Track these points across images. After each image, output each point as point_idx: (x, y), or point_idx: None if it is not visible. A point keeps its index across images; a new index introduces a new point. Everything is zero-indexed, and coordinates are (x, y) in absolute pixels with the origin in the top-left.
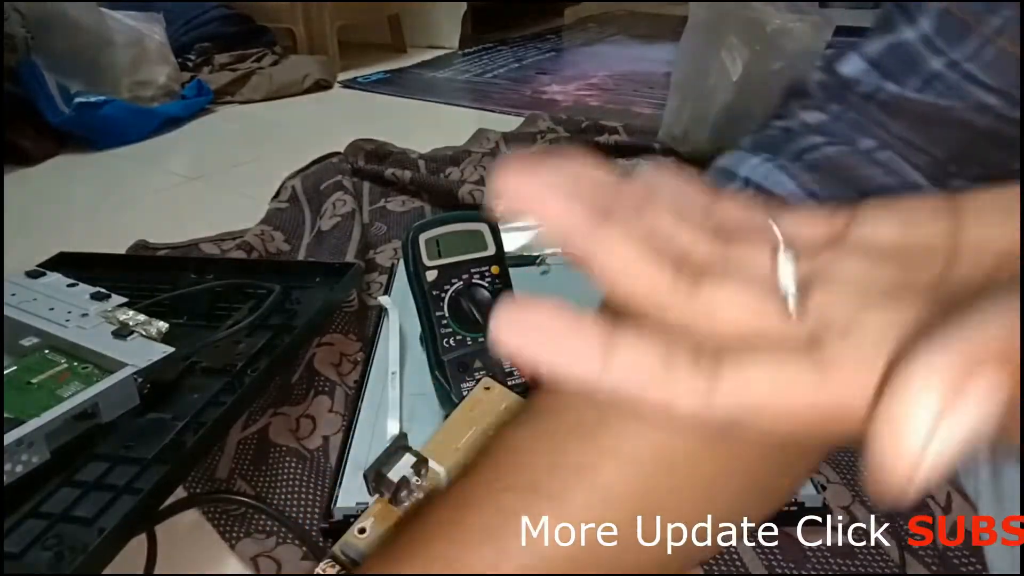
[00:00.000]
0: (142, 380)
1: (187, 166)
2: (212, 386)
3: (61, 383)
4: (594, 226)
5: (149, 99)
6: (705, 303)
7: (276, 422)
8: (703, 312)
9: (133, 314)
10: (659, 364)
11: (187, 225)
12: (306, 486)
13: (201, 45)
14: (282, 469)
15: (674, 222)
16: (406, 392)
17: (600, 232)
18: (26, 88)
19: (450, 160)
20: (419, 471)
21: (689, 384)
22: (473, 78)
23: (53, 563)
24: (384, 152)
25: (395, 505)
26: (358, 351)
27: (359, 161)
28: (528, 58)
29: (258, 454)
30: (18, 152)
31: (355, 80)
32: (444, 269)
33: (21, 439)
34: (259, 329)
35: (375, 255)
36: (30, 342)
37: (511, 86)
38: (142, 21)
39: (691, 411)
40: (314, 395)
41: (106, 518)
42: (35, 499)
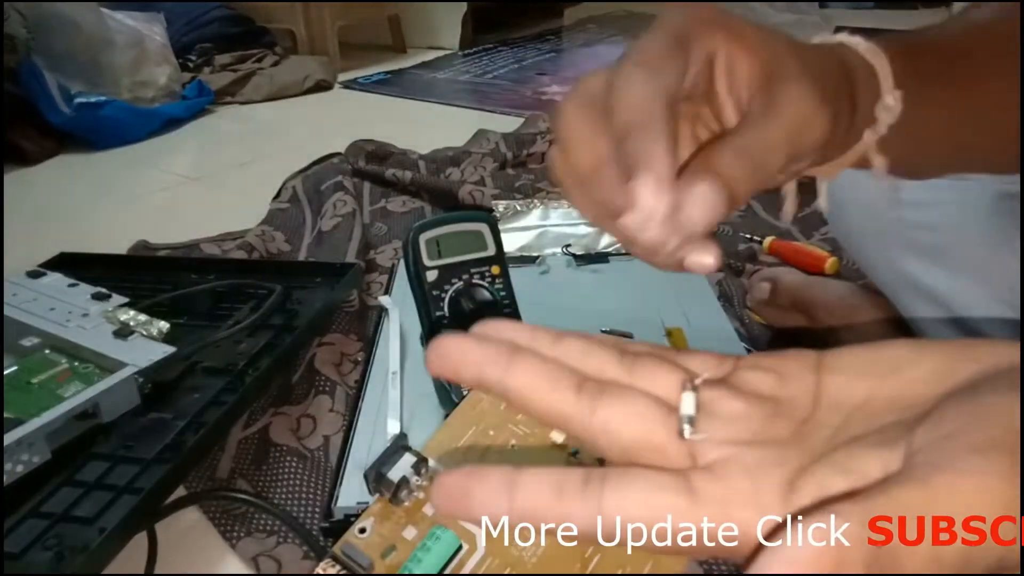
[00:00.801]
0: (143, 380)
1: (188, 166)
2: (213, 386)
3: (61, 383)
4: (508, 359)
5: (149, 99)
6: (602, 419)
7: (277, 422)
8: (600, 427)
9: (134, 314)
10: (553, 493)
11: (188, 225)
12: (306, 486)
13: (202, 45)
14: (283, 469)
15: (584, 349)
16: (406, 392)
17: (513, 362)
18: (26, 88)
19: (450, 160)
20: (419, 471)
21: (578, 507)
22: (473, 79)
23: (53, 563)
24: (384, 152)
25: (395, 505)
26: (359, 351)
27: (359, 162)
28: (528, 59)
29: (259, 454)
30: (18, 152)
31: (355, 81)
32: (444, 269)
33: (21, 439)
34: (260, 329)
35: (375, 255)
36: (31, 342)
37: (511, 87)
38: (142, 21)
39: (581, 530)
40: (315, 395)
41: (106, 518)
42: (35, 499)
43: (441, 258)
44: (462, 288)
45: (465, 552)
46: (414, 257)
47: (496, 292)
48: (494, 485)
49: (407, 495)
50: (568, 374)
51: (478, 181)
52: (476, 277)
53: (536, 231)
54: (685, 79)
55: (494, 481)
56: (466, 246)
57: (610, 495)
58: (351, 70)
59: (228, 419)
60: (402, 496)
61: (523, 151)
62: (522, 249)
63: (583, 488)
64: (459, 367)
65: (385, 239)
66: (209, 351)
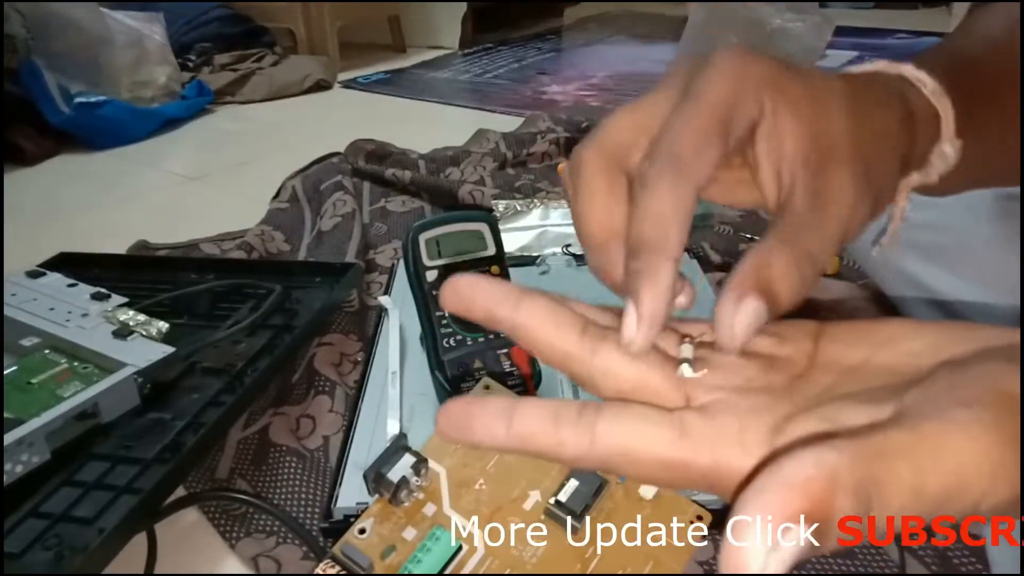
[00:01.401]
0: (142, 380)
1: (187, 166)
2: (212, 386)
3: (61, 383)
4: (518, 298)
5: (149, 99)
6: (603, 360)
7: (276, 422)
8: (601, 368)
9: (133, 314)
10: (550, 420)
11: (187, 225)
12: (306, 486)
13: (201, 45)
14: (282, 469)
15: (590, 309)
16: (406, 392)
17: (522, 301)
18: (26, 88)
19: (450, 160)
20: (419, 471)
21: (572, 434)
22: (473, 78)
23: (53, 563)
24: (384, 152)
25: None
26: (358, 351)
27: (359, 161)
28: (528, 58)
29: (258, 454)
30: (18, 152)
31: (355, 80)
32: (444, 269)
33: (21, 439)
34: (259, 329)
35: (375, 255)
36: (30, 342)
37: (511, 86)
38: (142, 21)
39: (574, 455)
40: (314, 395)
41: (106, 518)
42: (35, 499)
43: (441, 258)
44: None
45: (465, 552)
46: (414, 257)
47: None
48: (494, 411)
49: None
50: (573, 317)
51: (478, 181)
52: None
53: (536, 231)
54: (722, 159)
55: (494, 408)
56: (466, 246)
57: (603, 425)
58: (351, 70)
59: (227, 419)
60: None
61: (523, 151)
62: (522, 249)
63: (578, 417)
64: (471, 304)
65: (385, 239)
66: (208, 351)
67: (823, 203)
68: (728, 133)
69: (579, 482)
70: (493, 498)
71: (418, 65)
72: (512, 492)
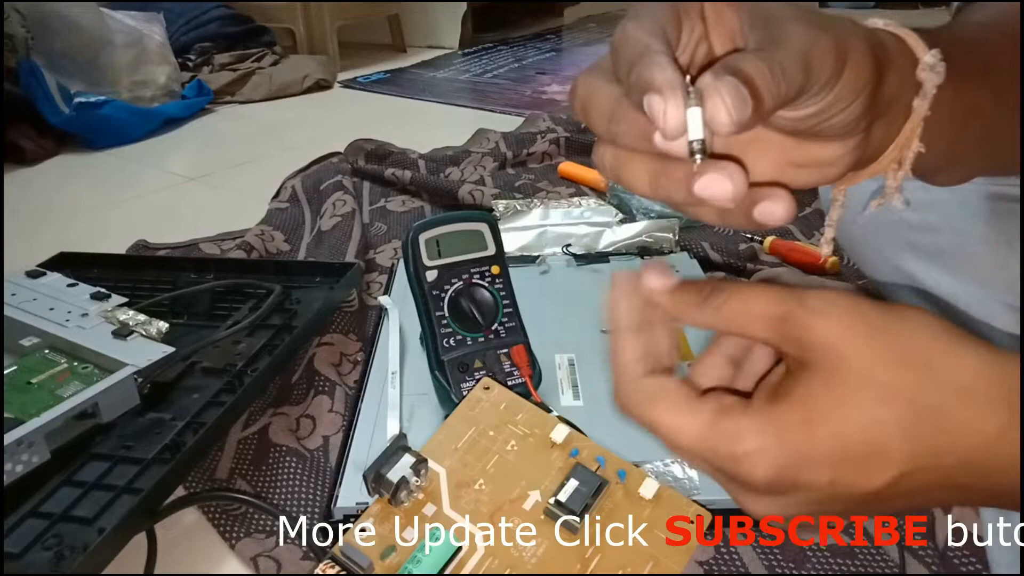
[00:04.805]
0: (142, 380)
1: (187, 166)
2: (212, 386)
3: (61, 383)
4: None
5: (149, 99)
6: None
7: (276, 422)
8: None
9: (133, 314)
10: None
11: (187, 225)
12: (306, 486)
13: (201, 45)
14: (282, 469)
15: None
16: (406, 392)
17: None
18: (26, 88)
19: (450, 160)
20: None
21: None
22: (473, 78)
23: (53, 563)
24: (384, 152)
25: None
26: (358, 351)
27: (359, 161)
28: (528, 58)
29: (258, 454)
30: (17, 152)
31: (355, 80)
32: (444, 269)
33: (21, 439)
34: (259, 329)
35: (375, 255)
36: (30, 342)
37: (511, 86)
38: (142, 21)
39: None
40: (314, 395)
41: (106, 518)
42: (35, 499)
43: (441, 258)
44: (462, 288)
45: (465, 552)
46: (414, 257)
47: (496, 292)
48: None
49: (407, 496)
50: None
51: (478, 180)
52: (476, 277)
53: (536, 231)
54: (680, 33)
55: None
56: (466, 246)
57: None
58: (351, 69)
59: (227, 419)
60: (401, 497)
61: (523, 150)
62: (522, 249)
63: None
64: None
65: (384, 239)
66: (208, 351)
67: (779, 37)
68: (678, 11)
69: (579, 482)
70: (493, 498)
71: (418, 65)
72: (512, 492)
